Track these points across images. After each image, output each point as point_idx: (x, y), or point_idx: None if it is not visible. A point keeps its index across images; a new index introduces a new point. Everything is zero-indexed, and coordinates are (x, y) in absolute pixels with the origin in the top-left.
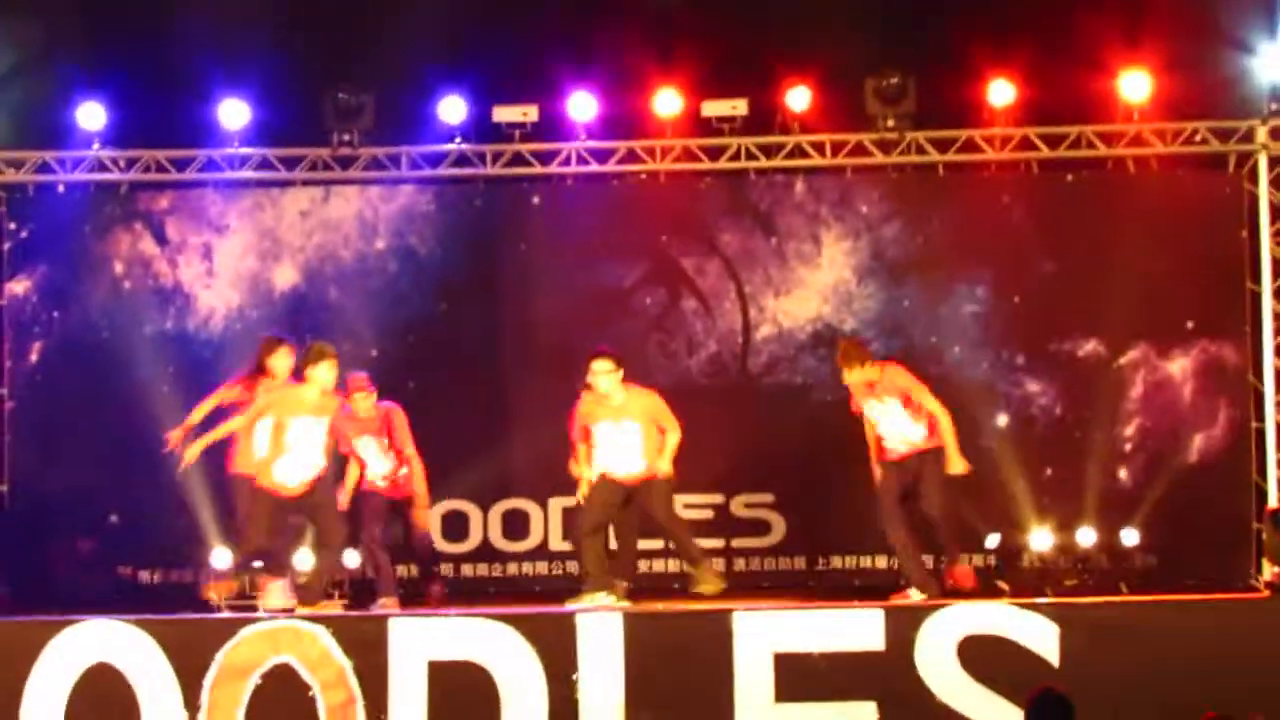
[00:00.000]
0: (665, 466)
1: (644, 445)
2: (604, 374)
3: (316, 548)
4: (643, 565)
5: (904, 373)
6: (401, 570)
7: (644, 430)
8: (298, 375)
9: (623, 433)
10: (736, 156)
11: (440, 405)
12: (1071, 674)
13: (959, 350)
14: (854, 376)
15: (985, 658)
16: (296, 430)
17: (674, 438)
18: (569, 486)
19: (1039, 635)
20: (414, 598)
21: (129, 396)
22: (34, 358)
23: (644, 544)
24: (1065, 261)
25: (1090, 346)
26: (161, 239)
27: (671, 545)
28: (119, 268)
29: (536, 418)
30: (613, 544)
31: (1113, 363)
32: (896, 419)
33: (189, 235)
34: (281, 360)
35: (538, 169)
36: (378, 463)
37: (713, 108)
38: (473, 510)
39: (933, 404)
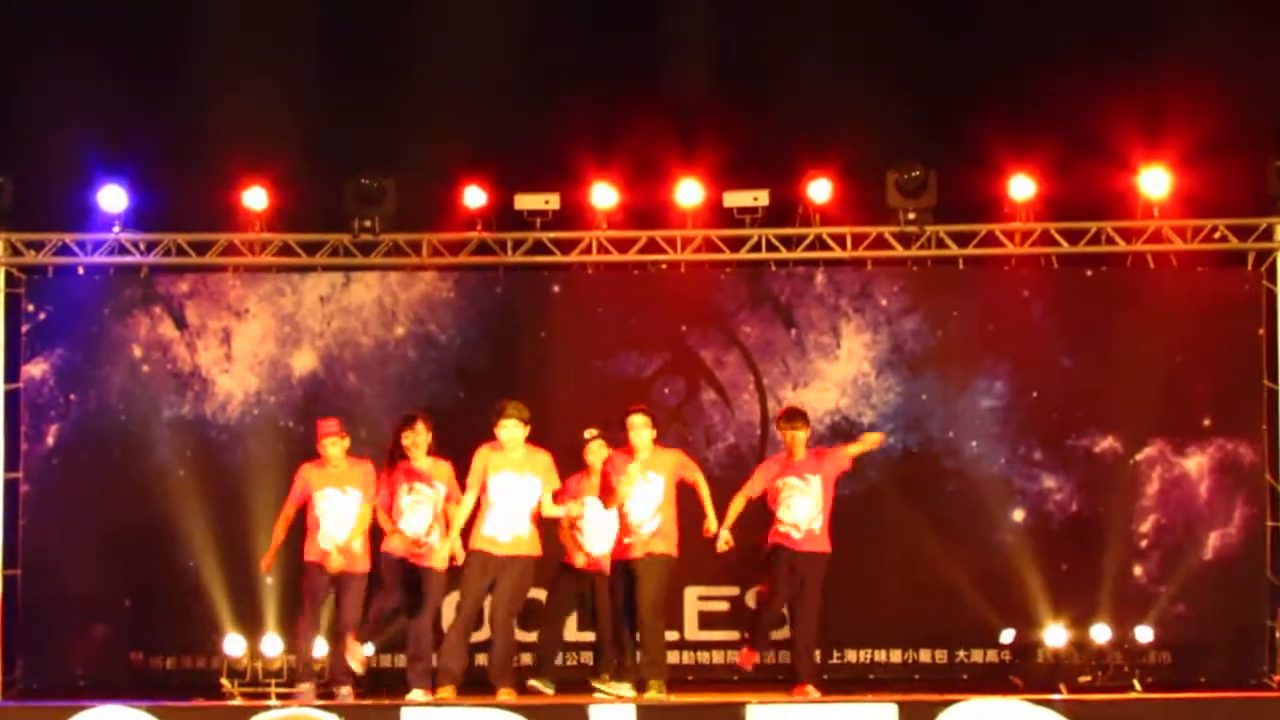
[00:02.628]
0: (713, 524)
1: (664, 501)
2: (642, 427)
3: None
4: None
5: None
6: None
7: (667, 485)
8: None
9: (649, 484)
10: (757, 247)
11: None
12: None
13: (976, 444)
14: (803, 435)
15: None
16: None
17: (704, 488)
18: None
19: None
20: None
21: (145, 481)
22: (50, 441)
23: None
24: (1083, 357)
25: (1107, 443)
26: (181, 323)
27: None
28: (137, 351)
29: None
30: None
31: (1129, 459)
32: (811, 504)
33: (208, 319)
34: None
35: (559, 257)
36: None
37: (734, 198)
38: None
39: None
